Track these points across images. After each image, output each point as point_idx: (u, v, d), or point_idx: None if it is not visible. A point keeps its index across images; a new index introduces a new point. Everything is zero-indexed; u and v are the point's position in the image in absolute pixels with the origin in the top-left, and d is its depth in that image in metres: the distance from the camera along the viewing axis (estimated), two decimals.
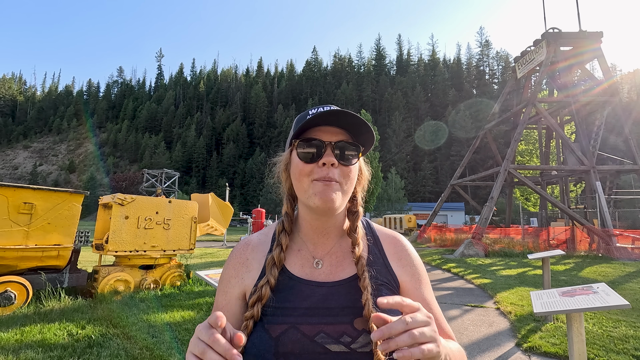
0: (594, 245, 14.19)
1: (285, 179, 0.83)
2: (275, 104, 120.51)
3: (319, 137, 0.74)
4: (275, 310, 0.70)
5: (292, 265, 0.77)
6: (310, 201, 0.73)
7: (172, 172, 47.71)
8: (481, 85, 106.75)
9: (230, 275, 0.80)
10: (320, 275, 0.76)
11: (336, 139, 0.74)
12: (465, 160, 21.18)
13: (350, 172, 0.75)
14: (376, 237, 0.84)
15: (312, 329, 0.68)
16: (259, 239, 0.84)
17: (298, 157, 0.75)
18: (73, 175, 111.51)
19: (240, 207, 72.67)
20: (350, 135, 0.77)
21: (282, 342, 0.66)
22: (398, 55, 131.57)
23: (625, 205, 25.11)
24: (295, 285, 0.74)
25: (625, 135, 16.48)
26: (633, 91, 73.29)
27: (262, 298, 0.71)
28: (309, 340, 0.66)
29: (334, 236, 0.81)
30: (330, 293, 0.73)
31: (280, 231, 0.80)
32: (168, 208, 7.20)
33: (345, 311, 0.70)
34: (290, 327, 0.68)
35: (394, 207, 47.74)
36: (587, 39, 17.04)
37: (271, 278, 0.72)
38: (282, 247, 0.77)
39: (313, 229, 0.80)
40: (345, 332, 0.67)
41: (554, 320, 5.02)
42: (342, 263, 0.78)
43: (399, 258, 0.81)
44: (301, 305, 0.71)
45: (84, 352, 3.76)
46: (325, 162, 0.72)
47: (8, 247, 5.29)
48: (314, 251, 0.80)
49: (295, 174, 0.75)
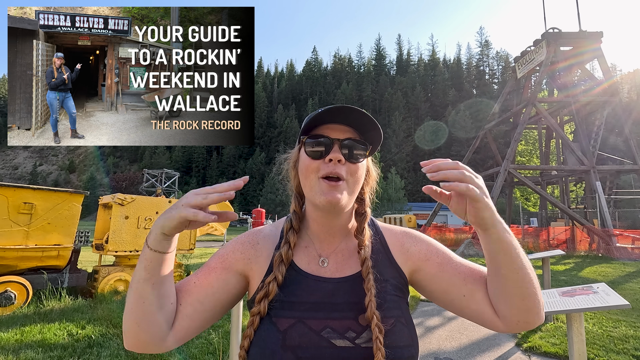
0: (594, 245, 14.20)
1: (293, 177, 0.84)
2: (275, 104, 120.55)
3: (327, 134, 0.75)
4: (282, 304, 0.71)
5: (299, 261, 0.78)
6: (316, 199, 0.73)
7: (172, 172, 47.72)
8: (481, 85, 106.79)
9: (236, 249, 0.80)
10: (327, 272, 0.77)
11: (344, 136, 0.75)
12: (465, 160, 21.17)
13: (357, 169, 0.76)
14: (380, 233, 0.84)
15: (319, 324, 0.69)
16: (270, 230, 0.85)
17: (306, 154, 0.76)
18: (73, 175, 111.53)
19: (240, 207, 72.65)
20: (358, 133, 0.78)
21: (290, 335, 0.67)
22: (398, 55, 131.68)
23: (625, 205, 25.11)
24: (302, 279, 0.75)
25: (625, 135, 16.48)
26: (633, 91, 73.30)
27: (269, 294, 0.71)
28: (316, 335, 0.68)
29: (340, 235, 0.82)
30: (336, 289, 0.74)
31: (289, 229, 0.80)
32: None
33: (350, 307, 0.71)
34: (297, 321, 0.69)
35: (394, 207, 47.76)
36: (587, 39, 17.04)
37: (279, 275, 0.73)
38: (290, 244, 0.78)
39: (320, 227, 0.80)
40: (350, 327, 0.69)
41: (554, 320, 5.02)
42: (348, 261, 0.79)
43: (402, 244, 0.82)
44: (308, 299, 0.72)
45: (84, 352, 3.76)
46: (332, 158, 0.73)
47: (8, 247, 5.29)
48: (320, 249, 0.80)
49: (303, 171, 0.77)
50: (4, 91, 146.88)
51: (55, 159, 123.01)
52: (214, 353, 3.79)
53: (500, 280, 0.68)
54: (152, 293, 0.66)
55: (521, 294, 0.67)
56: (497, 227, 0.65)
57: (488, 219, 0.64)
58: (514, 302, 0.67)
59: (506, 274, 0.67)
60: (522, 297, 0.67)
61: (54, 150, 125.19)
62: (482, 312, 0.72)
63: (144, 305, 0.66)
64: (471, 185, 0.61)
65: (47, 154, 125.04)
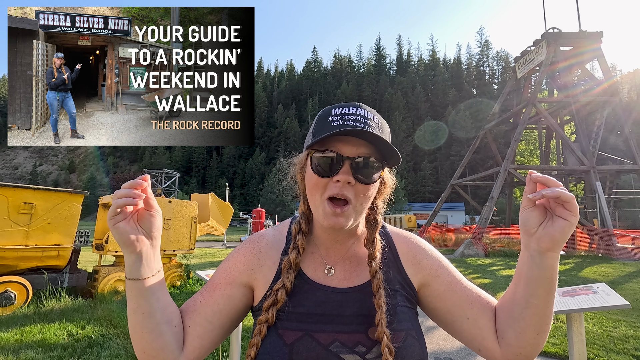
0: (594, 245, 14.20)
1: (301, 180, 0.79)
2: (275, 104, 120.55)
3: (338, 150, 0.67)
4: (289, 315, 0.68)
5: (306, 268, 0.75)
6: (320, 219, 0.70)
7: (172, 172, 47.75)
8: (481, 85, 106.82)
9: (239, 261, 0.76)
10: (334, 280, 0.74)
11: (357, 154, 0.67)
12: (465, 160, 21.19)
13: (368, 190, 0.69)
14: (390, 241, 0.81)
15: (327, 337, 0.66)
16: (274, 235, 0.81)
17: (312, 169, 0.69)
18: (73, 175, 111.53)
19: (240, 207, 72.69)
20: (375, 148, 0.69)
21: (297, 350, 0.65)
22: (398, 55, 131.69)
23: (625, 205, 25.12)
24: (310, 289, 0.72)
25: (625, 135, 16.48)
26: (633, 91, 73.30)
27: (277, 302, 0.68)
28: (324, 349, 0.65)
29: (348, 241, 0.78)
30: (345, 300, 0.71)
31: (297, 232, 0.76)
32: (168, 208, 7.20)
33: (360, 319, 0.68)
34: (304, 334, 0.66)
35: (394, 207, 47.75)
36: (587, 39, 17.04)
37: (287, 282, 0.70)
38: (299, 249, 0.73)
39: (327, 235, 0.76)
40: (360, 341, 0.66)
41: (554, 320, 5.02)
42: (357, 269, 0.75)
43: (414, 256, 0.78)
44: (315, 311, 0.69)
45: (84, 352, 3.76)
46: (339, 179, 0.66)
47: (8, 247, 5.29)
48: (326, 256, 0.77)
49: (309, 186, 0.72)
50: (4, 91, 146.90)
51: (55, 159, 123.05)
52: (214, 353, 3.79)
53: (526, 309, 0.65)
54: (147, 321, 0.64)
55: (538, 329, 0.65)
56: (557, 252, 0.62)
57: (561, 241, 0.61)
58: (527, 334, 0.66)
59: (536, 304, 0.64)
60: (538, 332, 0.66)
61: (54, 150, 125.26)
62: (483, 338, 0.70)
63: (143, 335, 0.65)
64: (567, 210, 0.60)
65: (47, 154, 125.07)
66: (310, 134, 0.73)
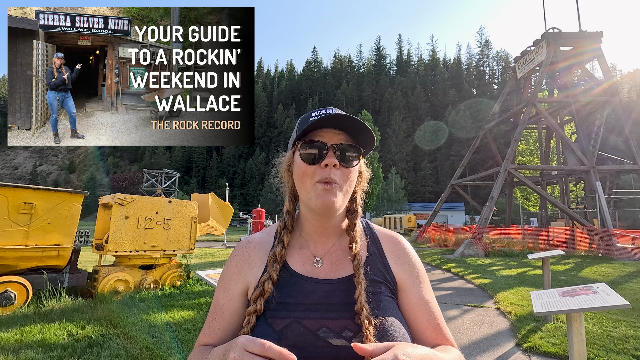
0: (594, 245, 14.20)
1: (287, 179, 0.85)
2: (275, 104, 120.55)
3: (321, 139, 0.77)
4: (278, 305, 0.72)
5: (294, 263, 0.79)
6: (312, 203, 0.75)
7: (172, 172, 47.65)
8: (481, 85, 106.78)
9: (233, 272, 0.81)
10: (321, 272, 0.78)
11: (338, 141, 0.77)
12: (465, 160, 21.18)
13: (350, 173, 0.77)
14: (375, 237, 0.86)
15: (315, 324, 0.69)
16: (262, 237, 0.87)
17: (301, 159, 0.77)
18: (73, 175, 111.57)
19: (240, 207, 72.69)
20: (351, 137, 0.79)
21: (285, 335, 0.68)
22: (398, 55, 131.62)
23: (625, 205, 25.11)
24: (297, 281, 0.76)
25: (625, 135, 16.48)
26: (633, 91, 73.29)
27: (264, 293, 0.73)
28: (312, 334, 0.68)
29: (334, 235, 0.83)
30: (331, 290, 0.74)
31: (282, 228, 0.82)
32: (168, 208, 7.20)
33: (346, 307, 0.72)
34: (293, 321, 0.69)
35: (394, 207, 47.75)
36: (587, 39, 17.04)
37: (273, 273, 0.75)
38: (283, 243, 0.79)
39: (314, 229, 0.82)
40: (346, 327, 0.69)
41: (554, 320, 5.02)
42: (342, 261, 0.80)
43: (398, 256, 0.83)
44: (304, 301, 0.73)
45: (84, 352, 3.76)
46: (327, 163, 0.74)
47: (8, 247, 5.29)
48: (315, 250, 0.82)
49: (298, 175, 0.78)
50: (4, 91, 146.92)
51: (55, 159, 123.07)
52: None
53: None
54: None
55: None
56: None
57: None
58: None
59: None
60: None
61: (54, 150, 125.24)
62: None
63: None
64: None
65: (47, 154, 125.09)
66: (294, 134, 0.82)
